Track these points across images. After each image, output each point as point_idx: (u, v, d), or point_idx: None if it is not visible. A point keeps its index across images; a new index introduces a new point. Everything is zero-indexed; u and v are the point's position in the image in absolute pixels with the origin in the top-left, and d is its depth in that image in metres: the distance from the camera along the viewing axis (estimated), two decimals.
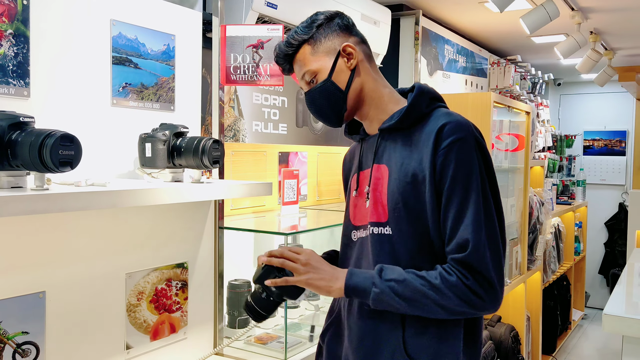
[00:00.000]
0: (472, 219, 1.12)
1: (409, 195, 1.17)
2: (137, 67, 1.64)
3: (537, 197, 3.90)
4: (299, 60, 1.27)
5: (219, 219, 1.87)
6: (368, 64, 1.28)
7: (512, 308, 3.65)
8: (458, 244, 1.13)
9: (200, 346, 1.80)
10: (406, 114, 1.21)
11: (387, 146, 1.25)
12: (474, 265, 1.11)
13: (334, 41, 1.25)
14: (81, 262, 1.45)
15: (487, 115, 2.96)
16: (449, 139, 1.14)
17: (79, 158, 1.18)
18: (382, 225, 1.21)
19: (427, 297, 1.12)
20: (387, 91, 1.29)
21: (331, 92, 1.24)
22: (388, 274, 1.15)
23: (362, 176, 1.31)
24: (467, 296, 1.11)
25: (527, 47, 4.51)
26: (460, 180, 1.13)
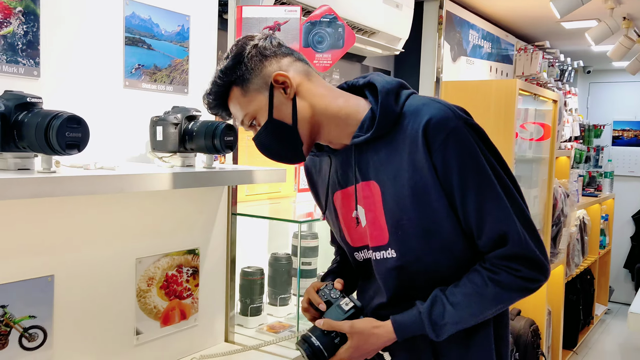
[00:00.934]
0: (497, 209, 1.05)
1: (412, 209, 1.07)
2: (151, 48, 1.60)
3: (562, 189, 3.79)
4: (232, 105, 1.15)
5: (232, 205, 1.83)
6: (309, 83, 1.13)
7: (533, 302, 3.57)
8: (493, 239, 1.07)
9: (211, 333, 1.78)
10: (380, 124, 1.08)
11: (369, 159, 1.13)
12: (521, 255, 1.06)
13: (263, 74, 1.10)
14: (91, 246, 1.43)
15: (511, 104, 2.86)
16: (441, 135, 1.04)
17: (86, 140, 1.15)
18: (383, 248, 1.13)
19: (487, 311, 1.10)
20: (341, 102, 1.14)
21: (278, 131, 1.10)
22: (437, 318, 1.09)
23: (344, 194, 1.20)
24: (524, 285, 1.07)
25: (556, 32, 4.36)
26: (470, 173, 1.05)
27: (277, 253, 2.11)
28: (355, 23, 2.50)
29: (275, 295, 2.08)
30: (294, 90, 1.11)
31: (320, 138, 1.17)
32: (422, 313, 1.09)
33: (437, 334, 1.09)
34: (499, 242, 1.06)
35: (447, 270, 1.12)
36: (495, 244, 1.07)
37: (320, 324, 1.15)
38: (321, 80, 1.17)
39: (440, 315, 1.08)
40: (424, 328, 1.10)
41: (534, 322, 3.44)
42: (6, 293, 1.25)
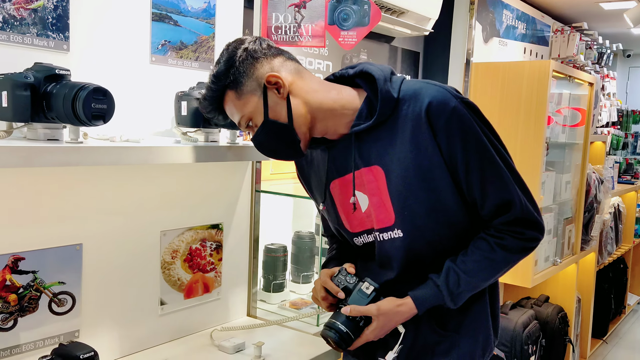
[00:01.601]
0: (499, 179, 1.13)
1: (418, 188, 1.13)
2: (177, 24, 1.62)
3: (595, 175, 3.69)
4: (228, 109, 1.18)
5: (255, 182, 1.85)
6: (301, 80, 1.16)
7: (562, 289, 3.51)
8: (497, 205, 1.14)
9: (233, 307, 1.81)
10: (382, 110, 1.13)
11: (370, 146, 1.16)
12: (522, 218, 1.14)
13: (255, 76, 1.13)
14: (118, 217, 1.47)
15: (544, 86, 2.79)
16: (443, 116, 1.09)
17: (111, 112, 1.18)
18: (389, 229, 1.18)
19: (497, 274, 1.19)
20: (334, 94, 1.17)
21: (276, 130, 1.13)
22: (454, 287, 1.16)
23: (342, 182, 1.22)
24: (527, 246, 1.17)
25: (594, 14, 4.22)
26: (473, 150, 1.11)
27: (300, 231, 2.13)
28: (384, 2, 2.47)
29: (298, 272, 2.11)
30: (287, 89, 1.13)
31: (317, 132, 1.19)
32: (440, 285, 1.16)
33: (455, 302, 1.17)
34: (502, 209, 1.14)
35: (449, 242, 1.19)
36: (499, 211, 1.15)
37: (348, 311, 1.17)
38: (312, 76, 1.20)
39: (456, 284, 1.15)
40: (442, 298, 1.16)
41: (562, 309, 3.39)
42: (36, 259, 1.31)
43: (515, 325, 2.95)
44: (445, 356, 1.21)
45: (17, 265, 1.28)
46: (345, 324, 1.18)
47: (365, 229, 1.23)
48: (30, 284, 1.30)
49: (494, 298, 1.28)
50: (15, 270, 1.28)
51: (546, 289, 3.52)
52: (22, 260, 1.28)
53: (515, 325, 2.95)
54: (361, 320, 1.18)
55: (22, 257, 1.28)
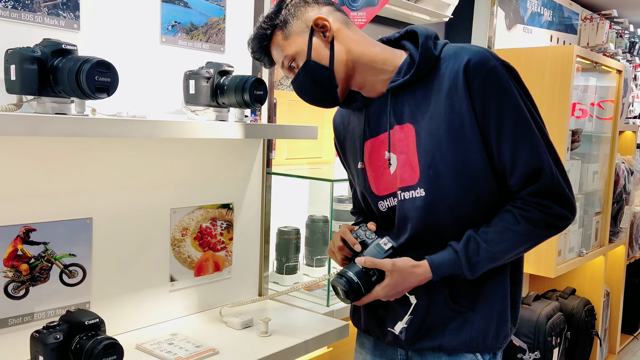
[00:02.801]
0: (532, 145, 1.10)
1: (446, 147, 1.11)
2: (187, 5, 1.64)
3: (625, 165, 3.59)
4: (274, 48, 1.22)
5: (267, 164, 1.87)
6: (347, 30, 1.20)
7: (589, 281, 3.42)
8: (526, 174, 1.10)
9: (244, 287, 1.83)
10: (420, 64, 1.14)
11: (405, 103, 1.17)
12: (552, 191, 1.10)
13: (304, 18, 1.18)
14: (128, 193, 1.51)
15: (567, 72, 2.72)
16: (480, 74, 1.09)
17: (115, 85, 1.21)
18: (412, 188, 1.16)
19: (519, 248, 1.14)
20: (378, 49, 1.21)
21: (316, 72, 1.17)
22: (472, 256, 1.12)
23: (374, 143, 1.23)
24: (555, 223, 1.12)
25: (625, 1, 4.09)
26: (507, 111, 1.09)
27: (314, 215, 2.14)
28: None
29: (312, 256, 2.11)
30: (332, 33, 1.17)
31: (355, 83, 1.22)
32: (459, 252, 1.13)
33: (472, 271, 1.13)
34: (532, 178, 1.10)
35: (471, 214, 1.15)
36: (528, 180, 1.10)
37: (362, 261, 1.16)
38: (359, 30, 1.24)
39: (475, 253, 1.12)
40: (460, 266, 1.13)
41: (589, 301, 3.30)
42: (48, 231, 1.35)
43: (539, 316, 2.89)
44: (457, 333, 1.19)
45: (28, 236, 1.32)
46: (358, 275, 1.16)
47: (391, 192, 1.21)
48: (41, 255, 1.35)
49: (515, 281, 1.23)
50: (26, 240, 1.32)
51: (572, 282, 3.43)
52: (33, 231, 1.33)
53: (538, 316, 2.89)
54: (374, 275, 1.16)
55: (34, 228, 1.33)
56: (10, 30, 1.27)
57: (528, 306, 2.96)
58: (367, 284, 1.17)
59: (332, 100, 1.22)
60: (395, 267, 1.15)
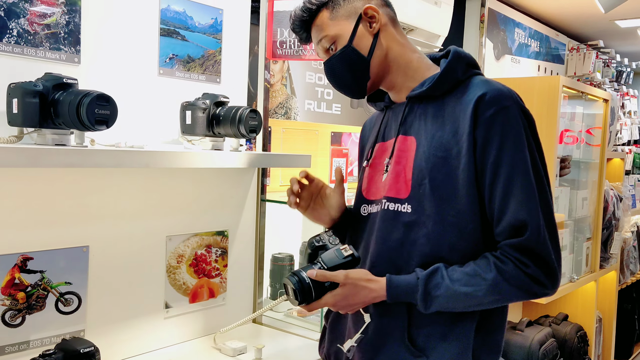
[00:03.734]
0: (526, 195, 1.03)
1: (439, 171, 1.08)
2: (185, 39, 1.70)
3: (614, 191, 3.65)
4: (316, 26, 1.19)
5: (261, 191, 1.90)
6: (393, 28, 1.19)
7: (581, 307, 3.44)
8: (512, 225, 1.03)
9: (238, 313, 1.85)
10: (439, 80, 1.11)
11: (416, 116, 1.15)
12: (535, 250, 1.02)
13: (355, 4, 1.16)
14: (124, 221, 1.53)
15: (554, 102, 2.79)
16: (491, 109, 1.04)
17: (114, 117, 1.25)
18: (400, 201, 1.12)
19: (482, 298, 1.05)
20: (416, 56, 1.19)
21: (352, 58, 1.15)
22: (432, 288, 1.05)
23: (382, 147, 1.22)
24: (528, 286, 1.03)
25: (610, 31, 4.21)
26: (508, 153, 1.04)
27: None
28: None
29: None
30: (379, 26, 1.16)
31: (385, 82, 1.21)
32: (420, 279, 1.06)
33: (426, 304, 1.06)
34: (517, 231, 1.03)
35: (449, 249, 1.08)
36: (513, 232, 1.04)
37: (313, 274, 1.08)
38: (402, 32, 1.22)
39: (437, 286, 1.05)
40: (416, 295, 1.06)
41: (581, 327, 3.31)
42: (44, 259, 1.37)
43: (532, 342, 2.90)
44: None
45: (25, 265, 1.34)
46: (311, 278, 1.10)
47: (376, 199, 1.19)
48: (38, 283, 1.37)
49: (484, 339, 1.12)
50: (24, 269, 1.34)
51: (565, 308, 3.45)
52: (30, 259, 1.35)
53: (531, 342, 2.90)
54: (327, 282, 1.10)
55: (31, 257, 1.35)
56: (13, 65, 1.32)
57: (521, 332, 2.97)
58: (319, 289, 1.09)
59: (359, 91, 1.20)
60: (348, 279, 1.08)
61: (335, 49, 1.17)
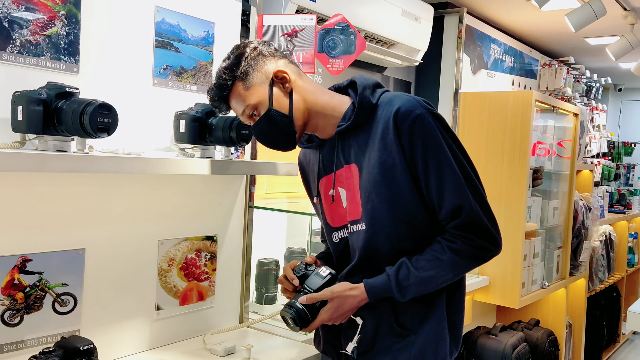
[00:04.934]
0: (454, 183, 1.22)
1: (381, 184, 1.25)
2: (178, 51, 1.77)
3: (583, 202, 3.80)
4: (234, 98, 1.30)
5: (249, 198, 1.97)
6: (300, 80, 1.31)
7: (552, 313, 3.58)
8: (450, 210, 1.23)
9: (226, 316, 1.91)
10: (359, 112, 1.28)
11: (350, 145, 1.31)
12: (472, 224, 1.23)
13: (264, 70, 1.27)
14: (119, 225, 1.59)
15: (527, 115, 2.92)
16: (408, 120, 1.22)
17: (115, 125, 1.31)
18: (357, 222, 1.30)
19: (445, 277, 1.26)
20: (327, 97, 1.33)
21: (277, 120, 1.27)
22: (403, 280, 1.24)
23: (328, 179, 1.36)
24: (478, 254, 1.25)
25: (581, 48, 4.40)
26: (432, 154, 1.22)
27: (292, 247, 2.23)
28: (375, 34, 2.64)
29: None
30: (291, 85, 1.29)
31: (309, 127, 1.35)
32: (391, 275, 1.25)
33: (402, 294, 1.25)
34: (455, 214, 1.23)
35: (407, 243, 1.28)
36: (452, 216, 1.23)
37: (304, 300, 1.28)
38: (310, 80, 1.37)
39: (406, 277, 1.24)
40: (391, 289, 1.25)
41: (552, 332, 3.44)
42: (43, 261, 1.42)
43: (505, 346, 3.01)
44: (400, 353, 1.29)
45: (24, 266, 1.39)
46: (304, 305, 1.29)
47: (343, 224, 1.35)
48: (36, 284, 1.41)
49: (454, 307, 1.33)
50: (23, 270, 1.39)
51: (537, 313, 3.58)
52: (29, 261, 1.40)
53: (504, 346, 3.01)
54: (318, 302, 1.29)
55: (30, 258, 1.40)
56: (15, 74, 1.37)
57: (495, 337, 3.08)
58: (313, 311, 1.29)
59: (291, 144, 1.33)
60: (334, 294, 1.27)
61: (259, 114, 1.29)
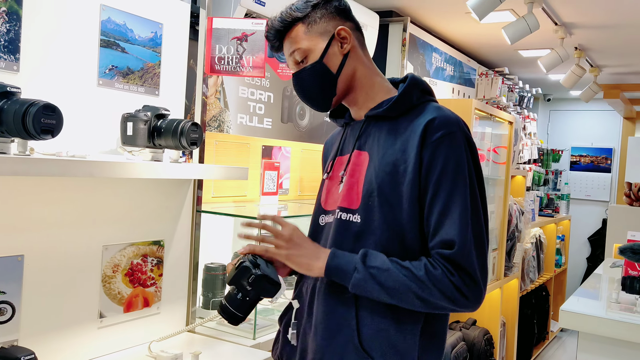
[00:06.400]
0: (459, 215, 1.12)
1: (386, 185, 1.17)
2: (125, 51, 1.72)
3: (517, 206, 3.99)
4: (290, 38, 1.25)
5: (196, 203, 1.95)
6: (361, 51, 1.27)
7: (488, 312, 3.73)
8: (443, 241, 1.12)
9: (172, 322, 1.87)
10: (395, 103, 1.21)
11: (371, 133, 1.24)
12: (461, 263, 1.11)
13: (329, 23, 1.24)
14: (60, 230, 1.53)
15: (467, 122, 3.04)
16: (438, 133, 1.14)
17: (60, 127, 1.27)
18: (351, 212, 1.21)
19: (409, 289, 1.12)
20: (379, 80, 1.28)
21: (322, 74, 1.23)
22: (372, 260, 1.14)
23: (339, 161, 1.31)
24: (451, 292, 1.11)
25: (514, 60, 4.63)
26: (449, 175, 1.13)
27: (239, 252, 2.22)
28: None
29: None
30: (349, 47, 1.23)
31: (349, 99, 1.29)
32: (360, 251, 1.15)
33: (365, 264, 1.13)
34: (447, 245, 1.12)
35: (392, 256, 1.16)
36: (444, 245, 1.13)
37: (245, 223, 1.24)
38: (369, 55, 1.31)
39: (374, 259, 1.14)
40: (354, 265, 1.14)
41: (488, 331, 3.59)
42: None
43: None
44: None
45: None
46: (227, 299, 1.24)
47: (332, 209, 1.27)
48: None
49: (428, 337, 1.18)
50: None
51: (474, 313, 3.73)
52: None
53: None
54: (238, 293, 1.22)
55: None
56: None
57: None
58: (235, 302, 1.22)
59: (325, 105, 1.27)
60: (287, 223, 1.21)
61: (306, 63, 1.25)
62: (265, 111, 2.64)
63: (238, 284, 1.21)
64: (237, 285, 1.21)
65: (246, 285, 1.20)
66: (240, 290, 1.22)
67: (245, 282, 1.20)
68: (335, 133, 1.45)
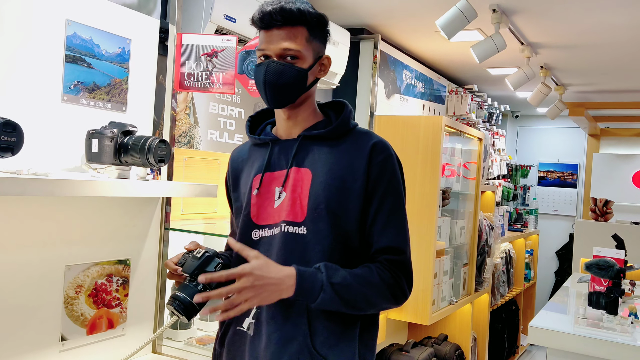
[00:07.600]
0: (401, 226, 1.32)
1: (333, 197, 1.29)
2: (91, 66, 1.69)
3: (487, 221, 4.04)
4: (292, 32, 1.29)
5: (164, 220, 1.91)
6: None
7: (459, 327, 3.75)
8: (390, 247, 1.29)
9: (138, 343, 1.82)
10: (337, 128, 1.35)
11: (309, 151, 1.35)
12: (406, 268, 1.30)
13: (321, 47, 1.36)
14: (20, 250, 1.48)
15: (437, 139, 3.08)
16: (382, 155, 1.33)
17: (20, 144, 1.23)
18: (297, 225, 1.29)
19: (365, 297, 1.25)
20: (315, 105, 1.43)
21: (300, 79, 1.32)
22: (334, 277, 1.22)
23: (270, 177, 1.37)
24: (396, 293, 1.28)
25: (483, 78, 4.72)
26: (392, 191, 1.32)
27: None
28: None
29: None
30: (322, 75, 1.38)
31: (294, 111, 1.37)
32: (320, 266, 1.22)
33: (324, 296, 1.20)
34: (395, 251, 1.30)
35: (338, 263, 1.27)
36: (390, 251, 1.30)
37: (203, 279, 1.19)
38: None
39: (335, 274, 1.22)
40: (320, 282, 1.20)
41: (459, 347, 3.60)
42: None
43: None
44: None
45: None
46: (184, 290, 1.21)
47: (271, 224, 1.32)
48: None
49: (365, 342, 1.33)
50: None
51: (445, 329, 3.74)
52: None
53: None
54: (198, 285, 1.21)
55: None
56: None
57: (407, 353, 3.17)
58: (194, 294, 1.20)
59: (283, 102, 1.33)
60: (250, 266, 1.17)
61: (292, 62, 1.31)
62: (236, 127, 2.62)
63: (201, 273, 1.22)
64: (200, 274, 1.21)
65: None
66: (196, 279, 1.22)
67: (212, 270, 1.23)
68: (244, 148, 1.48)
